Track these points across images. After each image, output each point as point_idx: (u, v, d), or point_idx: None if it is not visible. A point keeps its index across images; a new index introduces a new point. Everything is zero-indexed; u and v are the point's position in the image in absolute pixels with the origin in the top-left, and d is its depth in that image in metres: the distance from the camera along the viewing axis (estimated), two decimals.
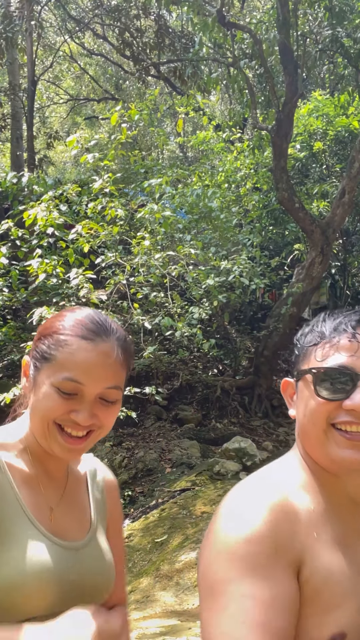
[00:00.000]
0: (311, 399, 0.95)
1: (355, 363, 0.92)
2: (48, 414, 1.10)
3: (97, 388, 1.10)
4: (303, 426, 0.98)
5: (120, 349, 1.15)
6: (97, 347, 1.11)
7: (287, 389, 1.05)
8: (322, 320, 1.00)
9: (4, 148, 16.61)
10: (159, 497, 5.98)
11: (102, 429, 1.14)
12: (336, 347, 0.94)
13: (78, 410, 1.09)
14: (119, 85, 16.06)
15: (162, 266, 5.94)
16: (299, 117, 9.48)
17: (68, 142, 6.08)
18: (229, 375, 9.07)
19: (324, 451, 0.94)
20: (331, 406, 0.93)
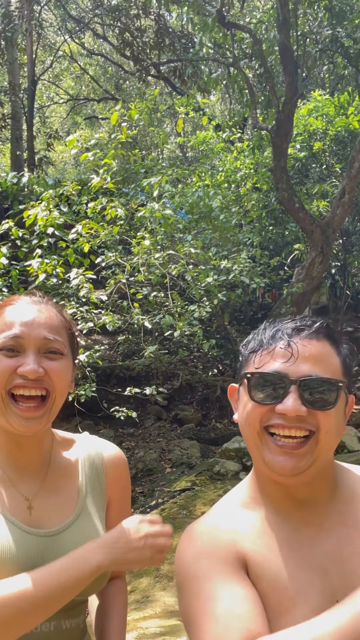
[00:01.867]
0: (248, 402, 0.99)
1: (289, 369, 0.96)
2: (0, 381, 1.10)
3: (36, 338, 1.12)
4: (242, 429, 1.03)
5: (55, 309, 1.20)
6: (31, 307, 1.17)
7: (233, 394, 1.09)
8: (263, 329, 1.06)
9: (4, 148, 16.60)
10: (159, 497, 5.98)
11: (55, 390, 1.14)
12: (272, 354, 0.99)
13: (24, 364, 1.10)
14: (119, 85, 16.06)
15: (162, 266, 5.94)
16: (299, 117, 9.47)
17: (68, 141, 6.07)
18: (229, 375, 9.07)
19: (260, 455, 0.98)
20: (264, 409, 0.97)
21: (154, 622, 3.62)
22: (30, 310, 1.17)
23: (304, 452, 0.94)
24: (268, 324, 1.05)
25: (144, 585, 4.24)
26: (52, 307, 1.21)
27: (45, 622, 1.08)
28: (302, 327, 1.00)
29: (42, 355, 1.13)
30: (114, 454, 1.31)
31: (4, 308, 1.18)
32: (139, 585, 4.27)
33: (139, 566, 1.09)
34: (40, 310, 1.17)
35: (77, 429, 6.70)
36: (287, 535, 0.97)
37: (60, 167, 18.98)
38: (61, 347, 1.16)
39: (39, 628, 1.07)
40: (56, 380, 1.14)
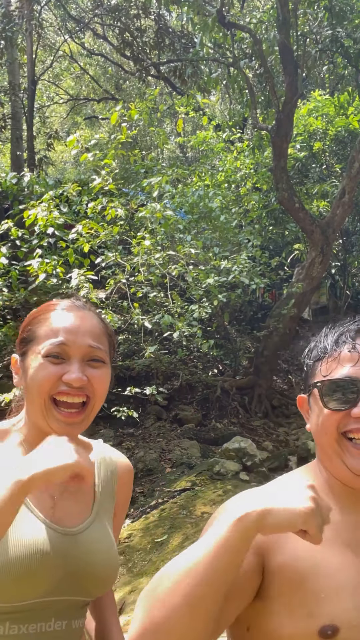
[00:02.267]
0: (321, 411, 0.99)
1: (358, 372, 0.96)
2: (43, 387, 1.12)
3: (81, 346, 1.15)
4: (317, 438, 1.02)
5: (97, 317, 1.22)
6: (75, 313, 1.19)
7: (302, 405, 1.09)
8: (324, 335, 1.05)
9: (4, 148, 16.60)
10: (159, 497, 5.98)
11: (95, 397, 1.17)
12: (338, 360, 0.99)
13: (69, 372, 1.12)
14: (119, 85, 16.06)
15: (162, 266, 5.94)
16: (299, 117, 9.47)
17: (68, 142, 6.08)
18: (229, 375, 9.07)
19: (340, 462, 0.97)
20: (339, 416, 0.97)
21: None
22: (75, 316, 1.18)
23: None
24: (328, 330, 1.06)
25: (144, 585, 4.24)
26: (94, 313, 1.23)
27: (57, 621, 1.10)
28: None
29: (85, 363, 1.15)
30: (127, 463, 1.38)
31: (49, 313, 1.19)
32: (139, 585, 4.27)
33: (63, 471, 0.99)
34: (84, 317, 1.19)
35: None
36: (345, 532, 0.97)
37: (60, 167, 18.98)
38: (104, 355, 1.19)
39: (52, 626, 1.09)
40: (97, 388, 1.17)
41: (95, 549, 1.15)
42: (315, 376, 1.02)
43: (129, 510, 6.07)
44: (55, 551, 1.09)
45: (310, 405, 1.05)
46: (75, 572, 1.10)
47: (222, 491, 5.46)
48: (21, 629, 1.05)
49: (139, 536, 5.07)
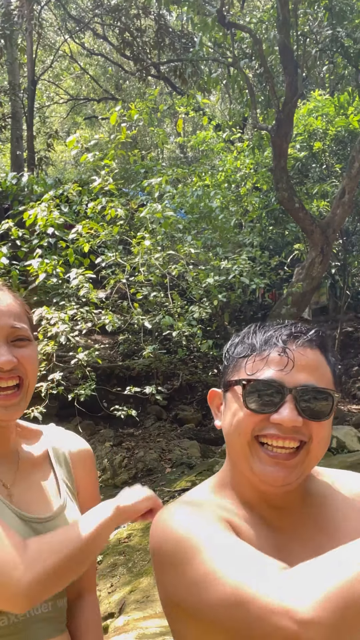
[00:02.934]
0: (239, 410, 0.95)
1: (285, 378, 0.92)
2: None
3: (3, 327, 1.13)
4: (229, 437, 0.99)
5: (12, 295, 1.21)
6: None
7: (214, 399, 1.06)
8: (253, 332, 1.00)
9: (4, 148, 16.60)
10: (159, 497, 5.98)
11: (28, 376, 1.16)
12: (266, 361, 0.94)
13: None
14: (119, 85, 16.06)
15: (162, 266, 5.94)
16: (299, 117, 9.47)
17: (68, 142, 6.08)
18: None
19: (248, 465, 0.94)
20: (258, 418, 0.93)
21: (153, 622, 3.62)
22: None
23: (295, 463, 0.92)
24: (258, 328, 1.01)
25: (144, 585, 4.24)
26: (8, 293, 1.22)
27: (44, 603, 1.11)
28: (298, 334, 0.97)
29: (11, 344, 1.14)
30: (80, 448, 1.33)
31: None
32: (139, 585, 4.27)
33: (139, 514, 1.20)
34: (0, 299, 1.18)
35: (77, 429, 6.70)
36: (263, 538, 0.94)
37: (60, 167, 18.99)
38: (27, 333, 1.18)
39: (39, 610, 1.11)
40: (28, 367, 1.16)
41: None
42: (238, 373, 0.97)
43: None
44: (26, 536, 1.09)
45: (226, 401, 1.00)
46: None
47: None
48: (10, 619, 1.07)
49: (139, 536, 5.07)
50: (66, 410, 6.87)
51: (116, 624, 3.78)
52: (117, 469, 6.75)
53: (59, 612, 1.17)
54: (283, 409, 0.91)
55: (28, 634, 1.09)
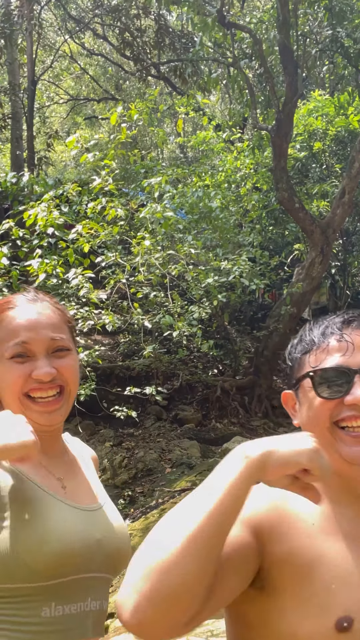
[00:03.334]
0: (313, 401, 0.99)
1: (348, 361, 0.97)
2: (15, 387, 1.15)
3: (43, 341, 1.17)
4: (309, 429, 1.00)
5: (53, 307, 1.23)
6: (29, 308, 1.20)
7: (288, 401, 1.09)
8: (309, 329, 1.06)
9: (4, 148, 16.60)
10: (159, 497, 5.98)
11: (68, 383, 1.19)
12: (327, 350, 0.99)
13: (37, 368, 1.14)
14: (119, 85, 16.06)
15: (162, 266, 5.94)
16: (299, 117, 9.47)
17: (68, 142, 6.07)
18: (229, 375, 9.07)
19: (334, 450, 0.96)
20: (332, 404, 0.96)
21: None
22: (30, 312, 1.19)
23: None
24: (313, 324, 1.06)
25: None
26: (48, 303, 1.24)
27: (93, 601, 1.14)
28: (351, 319, 1.02)
29: (51, 355, 1.17)
30: (93, 454, 1.41)
31: (4, 313, 1.20)
32: None
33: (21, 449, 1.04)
34: (40, 311, 1.20)
35: (77, 429, 6.70)
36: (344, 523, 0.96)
37: (60, 167, 18.98)
38: (67, 343, 1.21)
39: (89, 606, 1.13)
40: (68, 376, 1.19)
41: (116, 524, 1.22)
42: (304, 369, 1.02)
43: (129, 510, 6.08)
44: (86, 528, 1.14)
45: (299, 399, 1.04)
46: (104, 547, 1.15)
47: None
48: (65, 610, 1.10)
49: (139, 536, 5.07)
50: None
51: (116, 624, 3.78)
52: (117, 469, 6.75)
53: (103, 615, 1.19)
54: (354, 389, 0.95)
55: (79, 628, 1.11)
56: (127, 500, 6.27)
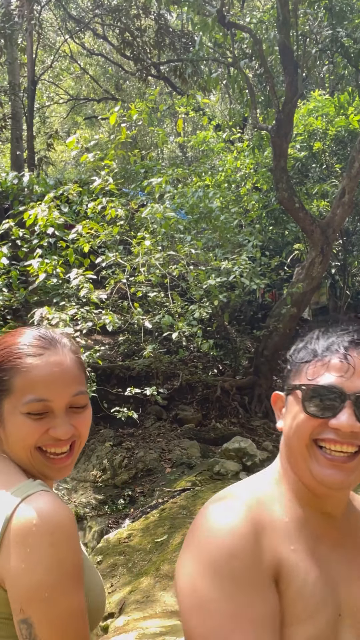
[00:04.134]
0: (299, 413, 0.97)
1: (345, 384, 0.94)
2: (27, 442, 1.09)
3: (64, 398, 1.10)
4: (288, 439, 1.00)
5: (71, 354, 1.15)
6: (50, 359, 1.11)
7: (277, 401, 1.07)
8: (316, 338, 1.02)
9: (4, 148, 16.60)
10: (159, 497, 5.98)
11: (81, 437, 1.15)
12: (327, 367, 0.97)
13: (55, 427, 1.09)
14: (119, 85, 16.06)
15: (163, 266, 5.95)
16: (299, 117, 9.47)
17: (68, 143, 6.08)
18: (229, 375, 9.07)
19: (306, 467, 0.96)
20: (317, 423, 0.95)
21: (153, 622, 3.62)
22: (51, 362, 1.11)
23: (353, 467, 0.94)
24: (321, 334, 1.03)
25: (144, 585, 4.24)
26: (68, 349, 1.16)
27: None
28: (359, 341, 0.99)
29: (69, 410, 1.12)
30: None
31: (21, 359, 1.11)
32: (139, 585, 4.27)
33: None
34: (61, 361, 1.12)
35: None
36: (311, 544, 0.96)
37: (60, 167, 18.98)
38: (86, 398, 1.15)
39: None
40: (83, 431, 1.15)
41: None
42: (299, 378, 1.00)
43: (129, 510, 6.09)
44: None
45: (287, 404, 1.03)
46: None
47: None
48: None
49: (139, 536, 5.07)
50: None
51: (116, 624, 3.79)
52: (117, 469, 6.75)
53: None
54: (342, 414, 0.93)
55: None
56: (127, 500, 6.27)
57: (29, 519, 0.96)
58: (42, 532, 0.95)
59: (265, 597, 0.87)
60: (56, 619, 0.92)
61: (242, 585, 0.87)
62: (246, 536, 0.90)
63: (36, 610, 0.92)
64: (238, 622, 0.85)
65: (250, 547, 0.89)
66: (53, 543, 0.94)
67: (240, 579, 0.87)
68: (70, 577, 0.95)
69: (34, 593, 0.92)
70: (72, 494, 6.44)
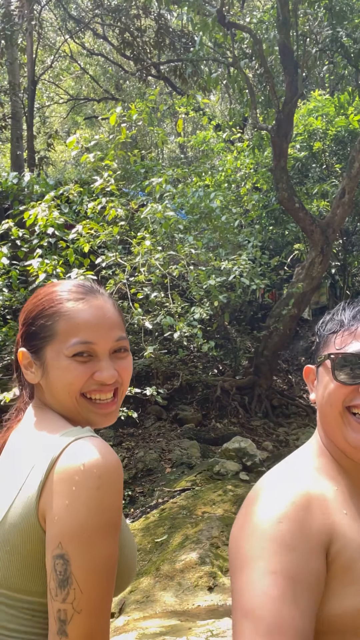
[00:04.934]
0: (330, 383, 1.00)
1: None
2: (74, 387, 1.09)
3: (108, 342, 1.12)
4: (322, 409, 1.03)
5: (111, 301, 1.18)
6: (92, 304, 1.13)
7: (309, 375, 1.10)
8: (342, 309, 1.05)
9: (4, 148, 16.60)
10: (159, 497, 5.98)
11: (124, 384, 1.16)
12: (354, 335, 1.00)
13: (100, 370, 1.10)
14: (119, 85, 16.06)
15: (163, 266, 5.95)
16: (299, 117, 9.47)
17: (68, 143, 6.07)
18: (229, 375, 9.07)
19: (341, 434, 0.98)
20: (348, 390, 0.98)
21: (154, 622, 3.62)
22: (94, 308, 1.13)
23: None
24: (347, 305, 1.05)
25: (144, 585, 4.24)
26: (107, 296, 1.18)
27: None
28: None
29: (112, 355, 1.13)
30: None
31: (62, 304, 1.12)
32: (139, 585, 4.27)
33: None
34: (102, 307, 1.14)
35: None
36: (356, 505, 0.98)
37: (60, 167, 18.98)
38: (127, 344, 1.17)
39: None
40: (125, 377, 1.16)
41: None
42: (328, 348, 1.03)
43: (129, 510, 6.09)
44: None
45: (318, 376, 1.05)
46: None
47: (222, 491, 5.46)
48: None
49: (139, 536, 5.07)
50: None
51: (116, 624, 3.79)
52: None
53: None
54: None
55: None
56: (127, 500, 6.27)
57: (78, 458, 0.96)
58: (90, 474, 0.95)
59: (309, 562, 0.89)
60: (93, 562, 0.93)
61: (287, 546, 0.88)
62: (297, 505, 0.92)
63: (75, 549, 0.92)
64: (275, 579, 0.86)
65: (301, 515, 0.91)
66: (100, 486, 0.95)
67: (284, 541, 0.89)
68: (111, 524, 0.95)
69: (76, 531, 0.92)
70: None
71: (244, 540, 0.92)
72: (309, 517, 0.92)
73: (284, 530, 0.89)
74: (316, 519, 0.92)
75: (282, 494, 0.94)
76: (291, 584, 0.86)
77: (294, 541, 0.89)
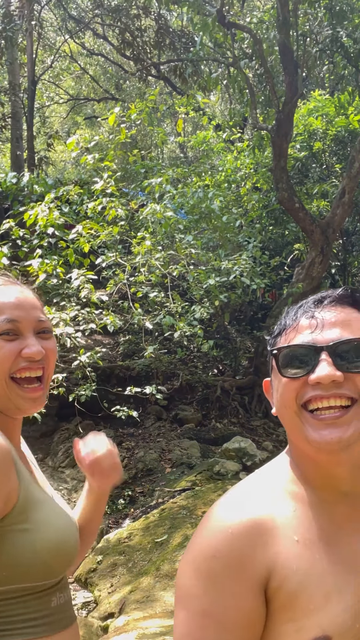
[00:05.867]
0: (280, 382, 0.94)
1: (316, 338, 0.91)
2: (3, 365, 1.14)
3: (31, 321, 1.18)
4: (280, 414, 0.96)
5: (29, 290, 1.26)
6: (13, 288, 1.22)
7: (268, 389, 1.04)
8: (286, 313, 1.01)
9: (4, 148, 16.60)
10: (159, 497, 5.98)
11: (49, 368, 1.21)
12: (297, 329, 0.94)
13: (28, 346, 1.16)
14: (119, 85, 16.06)
15: (163, 266, 5.95)
16: (299, 117, 9.47)
17: (68, 143, 6.08)
18: (229, 375, 9.07)
19: (302, 436, 0.91)
20: (298, 384, 0.91)
21: (154, 622, 3.62)
22: (15, 291, 1.21)
23: (348, 419, 0.88)
24: (289, 308, 1.01)
25: (145, 585, 4.24)
26: (26, 287, 1.26)
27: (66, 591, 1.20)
28: (324, 297, 0.96)
29: (37, 335, 1.19)
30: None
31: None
32: (139, 585, 4.27)
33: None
34: (22, 292, 1.22)
35: (77, 429, 6.71)
36: (327, 527, 0.91)
37: (60, 167, 18.99)
38: (50, 325, 1.23)
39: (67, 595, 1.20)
40: (51, 358, 1.22)
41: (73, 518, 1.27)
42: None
43: (129, 510, 6.09)
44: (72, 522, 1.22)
45: (273, 384, 0.99)
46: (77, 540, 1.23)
47: (222, 491, 5.46)
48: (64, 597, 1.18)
49: (139, 536, 5.07)
50: (66, 410, 6.87)
51: (116, 624, 3.79)
52: None
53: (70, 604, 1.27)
54: (319, 367, 0.89)
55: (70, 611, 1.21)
56: (127, 500, 6.27)
57: None
58: None
59: (240, 602, 0.85)
60: None
61: (217, 585, 0.86)
62: (235, 536, 0.87)
63: None
64: (202, 621, 0.85)
65: (237, 548, 0.86)
66: None
67: (216, 579, 0.86)
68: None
69: None
70: (72, 493, 6.44)
71: (182, 571, 0.91)
72: (247, 550, 0.86)
73: (217, 569, 0.86)
74: (256, 551, 0.86)
75: (224, 521, 0.89)
76: (220, 627, 0.84)
77: (226, 580, 0.85)
